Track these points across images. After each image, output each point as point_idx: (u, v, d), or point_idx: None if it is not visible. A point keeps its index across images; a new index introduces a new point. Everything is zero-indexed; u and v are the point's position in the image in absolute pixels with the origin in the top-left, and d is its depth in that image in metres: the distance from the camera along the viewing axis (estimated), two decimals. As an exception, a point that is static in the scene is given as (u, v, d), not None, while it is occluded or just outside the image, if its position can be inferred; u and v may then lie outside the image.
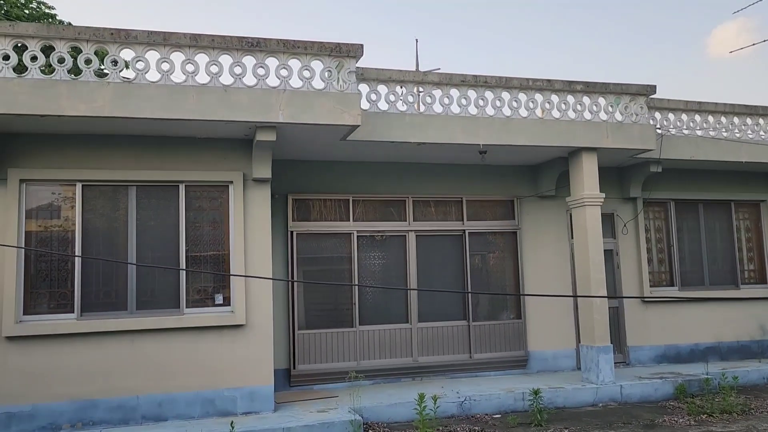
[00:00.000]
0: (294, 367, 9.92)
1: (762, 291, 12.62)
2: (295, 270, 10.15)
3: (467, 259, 10.98)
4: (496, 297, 11.18)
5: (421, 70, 12.93)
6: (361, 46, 8.35)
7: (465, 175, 11.06)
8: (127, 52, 7.78)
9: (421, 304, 10.70)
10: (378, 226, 10.65)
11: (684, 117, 11.26)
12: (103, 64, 8.05)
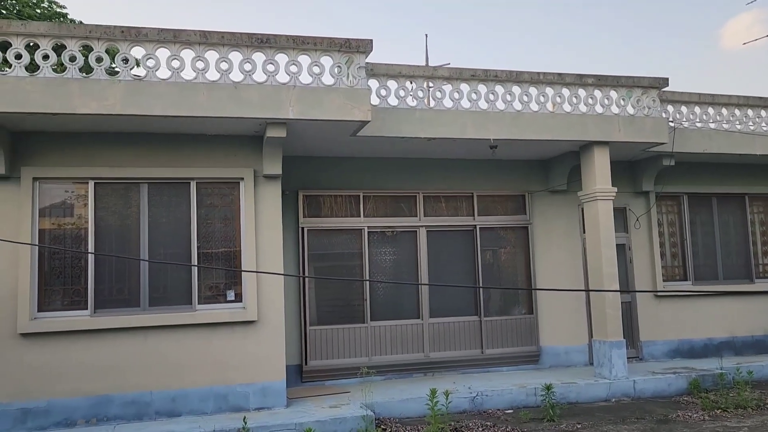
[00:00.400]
0: (306, 363, 9.96)
1: (777, 285, 12.49)
2: (307, 266, 10.17)
3: (478, 255, 10.94)
4: (507, 292, 11.15)
5: (430, 65, 12.88)
6: (371, 41, 8.32)
7: (476, 170, 11.03)
8: (138, 50, 7.82)
9: (433, 300, 10.69)
10: (389, 221, 10.65)
11: (697, 110, 11.15)
12: (114, 62, 8.10)
